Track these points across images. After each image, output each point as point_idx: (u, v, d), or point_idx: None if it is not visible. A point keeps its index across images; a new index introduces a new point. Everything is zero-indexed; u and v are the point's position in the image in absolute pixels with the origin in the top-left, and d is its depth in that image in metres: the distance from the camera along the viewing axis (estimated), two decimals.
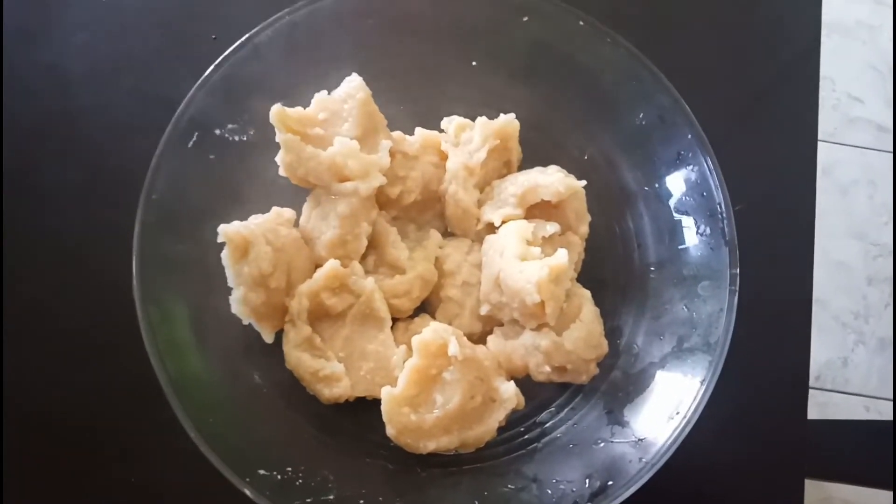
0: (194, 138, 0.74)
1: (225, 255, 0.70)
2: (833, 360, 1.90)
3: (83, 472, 0.77)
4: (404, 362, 0.71)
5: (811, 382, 1.91)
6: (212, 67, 0.74)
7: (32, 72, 0.91)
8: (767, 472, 0.81)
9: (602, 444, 0.70)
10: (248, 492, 0.61)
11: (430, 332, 0.70)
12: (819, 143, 0.90)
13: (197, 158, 0.74)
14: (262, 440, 0.70)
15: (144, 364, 0.65)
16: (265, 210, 0.76)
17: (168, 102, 0.74)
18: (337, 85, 0.77)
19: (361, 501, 0.66)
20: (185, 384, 0.65)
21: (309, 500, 0.63)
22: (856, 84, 2.13)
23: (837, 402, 1.87)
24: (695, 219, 0.75)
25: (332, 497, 0.65)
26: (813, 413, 0.85)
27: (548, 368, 0.73)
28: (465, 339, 0.72)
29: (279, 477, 0.65)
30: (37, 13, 0.93)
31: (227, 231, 0.70)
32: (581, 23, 0.77)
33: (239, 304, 0.70)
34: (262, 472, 0.64)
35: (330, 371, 0.72)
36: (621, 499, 0.63)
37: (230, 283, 0.70)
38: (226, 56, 0.74)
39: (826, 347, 1.91)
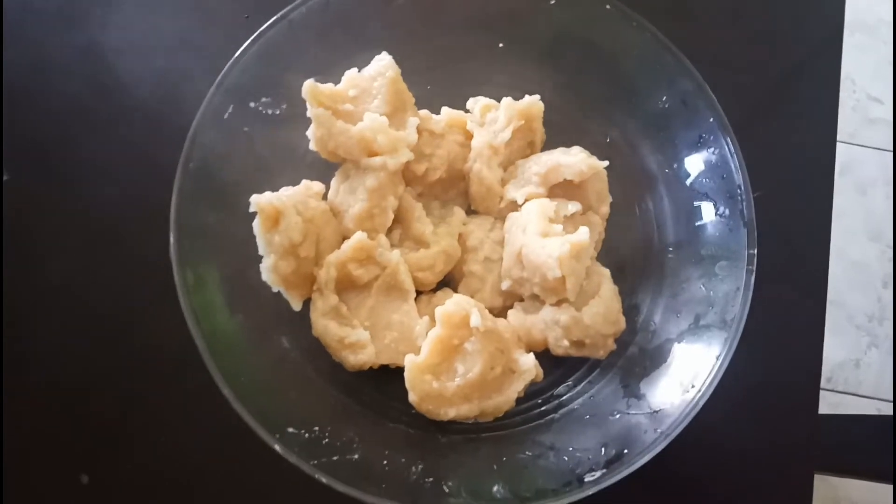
0: (230, 111, 0.75)
1: (257, 224, 0.72)
2: (846, 362, 1.90)
3: (113, 435, 0.80)
4: (427, 332, 0.73)
5: (823, 384, 1.91)
6: (248, 42, 0.76)
7: (70, 51, 0.93)
8: (777, 458, 0.82)
9: (618, 416, 0.71)
10: (278, 448, 0.63)
11: (453, 303, 0.72)
12: (838, 144, 0.91)
13: (232, 130, 0.76)
14: (290, 401, 0.72)
15: (177, 332, 0.68)
16: (295, 182, 0.78)
17: (202, 78, 0.76)
18: (367, 63, 0.79)
19: (385, 462, 0.68)
20: (217, 346, 0.67)
21: (335, 458, 0.66)
22: (876, 84, 2.12)
23: (849, 403, 1.87)
24: (714, 200, 0.76)
25: (356, 457, 0.67)
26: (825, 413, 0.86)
27: (566, 343, 0.74)
28: (486, 311, 0.74)
29: (307, 435, 0.67)
30: None
31: (260, 201, 0.71)
32: (607, 6, 0.79)
33: (269, 272, 0.72)
34: (290, 430, 0.66)
35: (356, 338, 0.73)
36: (636, 466, 0.64)
37: (261, 251, 0.72)
38: (261, 32, 0.76)
39: (839, 349, 1.91)
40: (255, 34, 0.76)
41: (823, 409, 0.85)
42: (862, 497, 1.77)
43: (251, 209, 0.71)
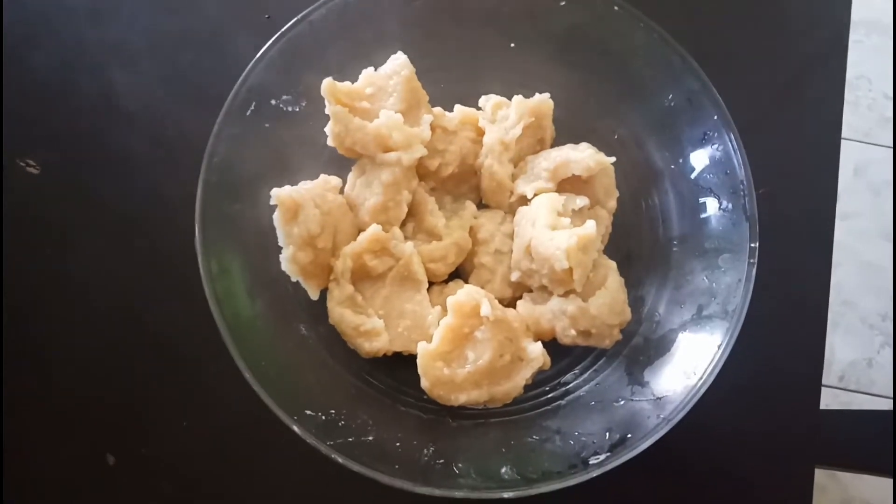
0: (252, 107, 0.78)
1: (277, 216, 0.74)
2: (858, 361, 1.89)
3: (138, 418, 0.83)
4: (439, 321, 0.75)
5: (835, 382, 1.91)
6: (270, 42, 0.78)
7: (100, 48, 0.97)
8: (777, 448, 0.83)
9: (622, 402, 0.73)
10: (296, 429, 0.66)
11: (464, 293, 0.74)
12: (853, 143, 0.92)
13: (254, 126, 0.79)
14: (307, 385, 0.75)
15: (199, 320, 0.71)
16: (314, 177, 0.80)
17: (225, 76, 0.79)
18: (384, 62, 0.81)
19: (398, 444, 0.70)
20: (239, 332, 0.70)
21: (350, 440, 0.68)
22: (892, 84, 2.11)
23: (861, 402, 1.87)
24: (717, 195, 0.78)
25: (371, 438, 0.70)
26: None
27: (573, 332, 0.76)
28: (496, 301, 0.76)
29: (323, 418, 0.69)
30: None
31: (280, 194, 0.74)
32: (616, 8, 0.80)
33: (288, 262, 0.75)
34: (308, 412, 0.68)
35: (370, 326, 0.76)
36: (639, 450, 0.66)
37: (280, 242, 0.75)
38: (283, 32, 0.79)
39: (852, 348, 1.90)
40: (276, 34, 0.79)
41: (835, 407, 0.86)
42: (874, 496, 1.77)
43: (271, 202, 0.74)
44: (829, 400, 0.81)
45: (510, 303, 0.81)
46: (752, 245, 0.73)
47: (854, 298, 1.92)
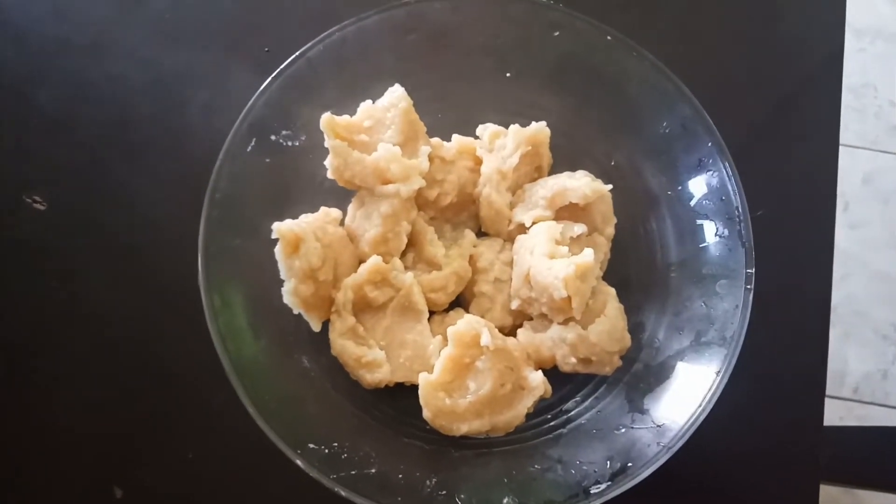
0: (252, 143, 0.79)
1: (278, 250, 0.75)
2: (872, 373, 1.87)
3: (144, 451, 0.83)
4: (440, 351, 0.75)
5: (849, 395, 1.88)
6: (269, 79, 0.80)
7: (102, 82, 0.98)
8: (781, 472, 0.83)
9: (623, 430, 0.74)
10: (299, 462, 0.66)
11: (464, 323, 0.74)
12: (861, 151, 0.92)
13: (254, 162, 0.80)
14: (310, 418, 0.75)
15: (202, 352, 0.71)
16: (314, 209, 0.81)
17: (225, 108, 0.80)
18: (381, 95, 0.82)
19: (400, 475, 0.71)
20: (242, 365, 0.71)
21: (353, 472, 0.68)
22: None
23: (877, 415, 1.85)
24: (714, 221, 0.78)
25: (373, 471, 0.70)
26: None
27: (574, 360, 0.76)
28: (496, 330, 0.76)
29: (326, 451, 0.70)
30: (106, 29, 1.01)
31: (281, 228, 0.75)
32: (609, 38, 0.81)
33: (290, 295, 0.75)
34: (311, 445, 0.69)
35: (372, 357, 0.76)
36: (640, 478, 0.67)
37: (282, 275, 0.75)
38: (282, 69, 0.80)
39: (866, 360, 1.88)
40: (275, 72, 0.80)
41: (851, 421, 0.86)
42: None
43: (273, 235, 0.75)
44: (844, 413, 0.80)
45: (511, 331, 0.82)
46: (749, 271, 0.74)
47: (866, 309, 1.90)
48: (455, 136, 0.86)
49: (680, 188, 0.82)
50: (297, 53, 0.81)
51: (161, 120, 0.97)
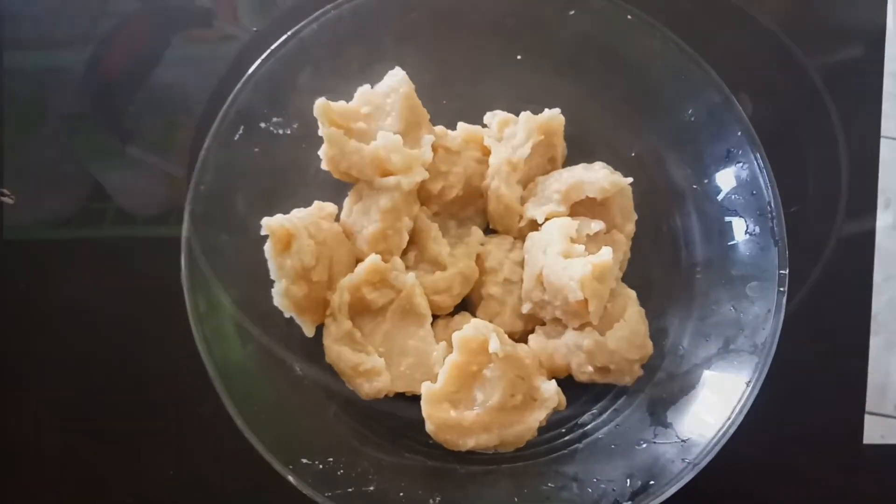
0: (240, 131, 0.76)
1: (268, 247, 0.72)
2: None
3: (128, 466, 0.81)
4: (444, 359, 0.72)
5: (892, 411, 1.85)
6: (258, 62, 0.76)
7: (78, 69, 0.93)
8: (816, 491, 0.80)
9: (644, 445, 0.71)
10: (291, 479, 0.64)
11: (470, 328, 0.71)
12: None
13: (242, 151, 0.77)
14: (303, 431, 0.73)
15: (189, 358, 0.68)
16: (307, 203, 0.78)
17: (212, 95, 0.77)
18: (380, 79, 0.78)
19: (401, 494, 0.68)
20: (229, 373, 0.68)
21: (350, 490, 0.66)
22: None
23: None
24: (744, 218, 0.75)
25: (372, 489, 0.68)
26: None
27: (590, 369, 0.73)
28: (505, 336, 0.73)
29: (321, 466, 0.67)
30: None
31: (271, 224, 0.71)
32: (629, 17, 0.78)
33: (281, 296, 0.72)
34: (304, 460, 0.66)
35: (370, 365, 0.74)
36: (663, 498, 0.65)
37: (272, 275, 0.72)
38: (272, 50, 0.77)
39: None
40: (265, 53, 0.76)
41: (893, 439, 0.84)
42: None
43: (262, 232, 0.71)
44: (885, 431, 0.78)
45: (521, 337, 0.79)
46: (782, 272, 0.71)
47: None
48: (461, 125, 0.83)
49: (706, 181, 0.79)
50: (289, 33, 0.77)
51: (142, 110, 0.92)
